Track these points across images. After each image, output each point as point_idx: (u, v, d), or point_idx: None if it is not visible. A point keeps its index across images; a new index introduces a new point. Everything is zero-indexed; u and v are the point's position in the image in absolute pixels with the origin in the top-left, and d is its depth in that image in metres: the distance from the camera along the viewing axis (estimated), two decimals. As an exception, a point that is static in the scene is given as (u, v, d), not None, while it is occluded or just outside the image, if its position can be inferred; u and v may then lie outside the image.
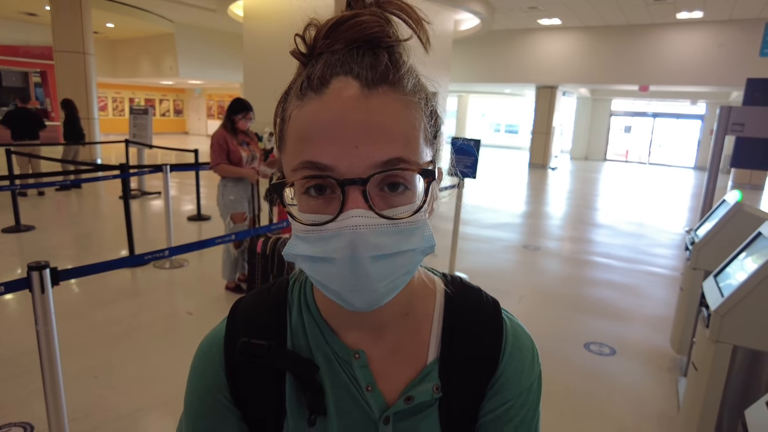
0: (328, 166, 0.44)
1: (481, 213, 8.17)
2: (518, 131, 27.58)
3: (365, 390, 0.56)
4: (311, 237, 0.46)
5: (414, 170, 0.46)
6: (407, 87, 0.48)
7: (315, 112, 0.45)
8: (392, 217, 0.45)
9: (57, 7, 10.78)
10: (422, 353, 0.58)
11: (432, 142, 0.51)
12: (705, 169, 3.89)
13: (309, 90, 0.46)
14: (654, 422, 2.64)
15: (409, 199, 0.47)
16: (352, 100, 0.45)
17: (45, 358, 1.79)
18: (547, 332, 3.67)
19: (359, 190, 0.44)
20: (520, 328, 0.62)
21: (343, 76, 0.46)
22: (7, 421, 2.35)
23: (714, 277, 2.25)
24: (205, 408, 0.58)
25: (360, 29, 0.48)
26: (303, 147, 0.46)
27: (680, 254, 6.07)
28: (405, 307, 0.58)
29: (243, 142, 3.89)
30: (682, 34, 13.34)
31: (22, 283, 1.77)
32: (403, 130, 0.46)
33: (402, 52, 0.51)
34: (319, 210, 0.46)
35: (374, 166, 0.44)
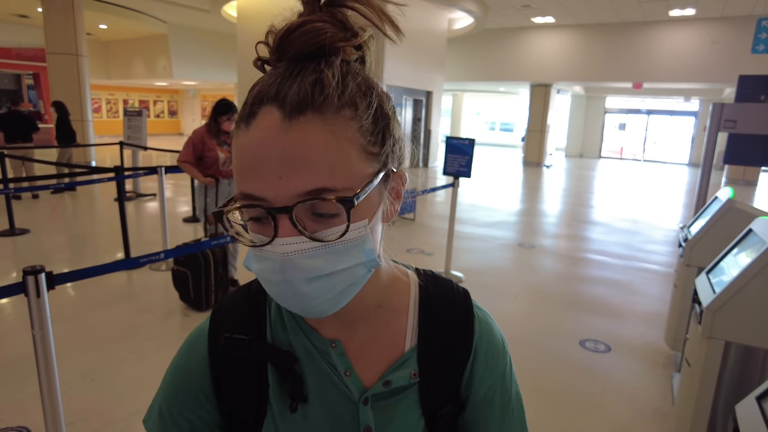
0: (258, 198, 0.46)
1: (476, 211, 8.19)
2: (513, 129, 27.65)
3: (344, 375, 0.58)
4: (257, 255, 0.49)
5: (332, 199, 0.46)
6: (335, 105, 0.46)
7: (244, 144, 0.47)
8: (323, 239, 0.47)
9: (49, 8, 10.73)
10: (399, 342, 0.61)
11: (376, 153, 0.50)
12: (699, 165, 3.91)
13: (241, 122, 0.48)
14: (648, 418, 2.66)
15: (341, 220, 0.47)
16: (274, 131, 0.45)
17: (41, 362, 1.79)
18: (542, 330, 3.69)
19: (287, 218, 0.46)
20: (488, 316, 0.66)
21: (267, 106, 0.46)
22: (4, 426, 2.35)
23: (706, 273, 2.27)
24: (182, 390, 0.60)
25: (308, 38, 0.47)
26: (238, 178, 0.48)
27: (674, 251, 6.11)
28: (377, 300, 0.60)
29: (224, 143, 3.87)
30: (675, 32, 13.41)
31: (17, 287, 1.77)
32: (327, 159, 0.45)
33: (348, 59, 0.50)
34: (262, 231, 0.48)
35: (297, 196, 0.45)
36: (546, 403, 2.74)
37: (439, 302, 0.63)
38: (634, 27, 13.87)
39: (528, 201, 10.12)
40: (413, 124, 14.28)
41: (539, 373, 3.04)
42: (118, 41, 20.13)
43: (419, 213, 7.63)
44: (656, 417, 2.66)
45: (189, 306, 3.79)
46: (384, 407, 0.59)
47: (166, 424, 0.60)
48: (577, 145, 22.29)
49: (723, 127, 3.65)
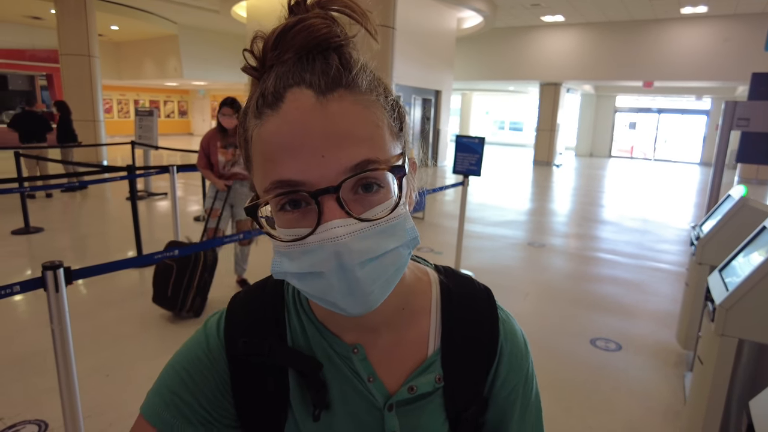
0: (298, 182, 0.44)
1: (485, 210, 8.17)
2: (523, 129, 27.53)
3: (367, 381, 0.57)
4: (294, 252, 0.46)
5: (384, 168, 0.45)
6: (363, 86, 0.47)
7: (275, 129, 0.45)
8: (371, 219, 0.45)
9: (62, 10, 10.86)
10: (422, 345, 0.59)
11: (398, 135, 0.50)
12: (711, 164, 3.88)
13: (265, 107, 0.46)
14: (660, 416, 2.65)
15: (384, 197, 0.46)
16: (310, 109, 0.44)
17: (60, 356, 1.83)
18: (553, 328, 3.68)
19: (333, 199, 0.44)
20: (510, 316, 0.64)
21: (296, 87, 0.45)
22: (22, 419, 2.39)
23: (719, 271, 2.26)
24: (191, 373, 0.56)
25: (307, 34, 0.46)
26: (270, 167, 0.45)
27: (686, 250, 6.06)
28: (400, 302, 0.58)
29: (230, 145, 3.79)
30: (687, 30, 13.28)
31: (36, 282, 1.80)
32: (367, 131, 0.45)
33: (352, 51, 0.49)
34: (297, 223, 0.46)
35: (344, 172, 0.44)
36: (557, 401, 2.74)
37: (461, 302, 0.61)
38: (645, 25, 13.76)
39: (538, 200, 10.08)
40: (422, 123, 14.28)
41: (550, 371, 3.04)
42: (129, 42, 20.32)
43: (428, 212, 7.63)
44: (668, 415, 2.65)
45: (162, 307, 3.59)
46: (409, 413, 0.57)
47: (165, 403, 0.55)
48: (587, 145, 22.15)
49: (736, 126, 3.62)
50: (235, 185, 3.89)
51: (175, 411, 0.55)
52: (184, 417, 0.55)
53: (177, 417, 0.55)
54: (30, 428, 2.34)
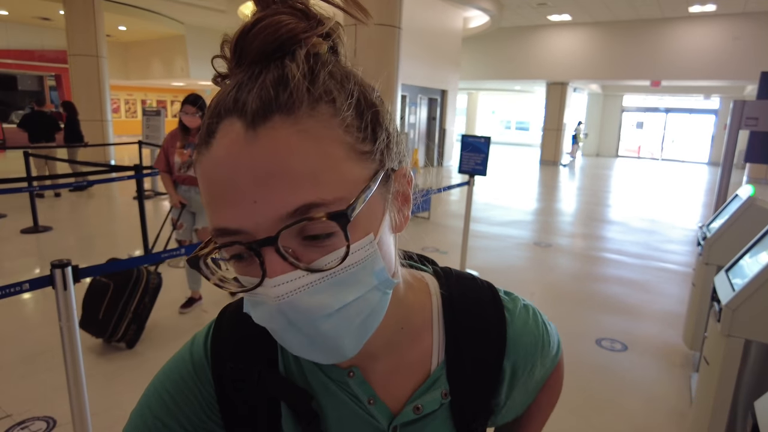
0: (234, 230, 0.39)
1: (491, 210, 8.16)
2: (529, 128, 27.44)
3: (367, 403, 0.53)
4: (249, 300, 0.42)
5: (322, 217, 0.37)
6: (307, 100, 0.38)
7: (206, 170, 0.39)
8: (323, 269, 0.39)
9: (71, 11, 10.94)
10: (425, 361, 0.55)
11: (368, 152, 0.42)
12: (719, 164, 3.86)
13: (201, 144, 0.40)
14: (666, 417, 2.64)
15: (339, 242, 0.39)
16: (237, 148, 0.37)
17: (68, 353, 1.85)
18: (558, 328, 3.60)
19: (273, 250, 0.38)
20: (520, 306, 0.59)
21: (228, 119, 0.38)
22: (31, 415, 2.42)
23: (726, 271, 2.25)
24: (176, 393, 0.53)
25: (266, 35, 0.39)
26: (210, 213, 0.40)
27: (693, 250, 6.02)
28: (398, 323, 0.53)
29: (189, 145, 3.43)
30: (695, 28, 13.19)
31: (45, 280, 1.83)
32: (309, 166, 0.37)
33: (313, 51, 0.41)
34: (249, 272, 0.41)
35: (280, 220, 0.37)
36: (562, 401, 2.71)
37: (464, 306, 0.56)
38: (653, 24, 13.67)
39: (544, 200, 10.04)
40: (428, 123, 14.27)
41: (555, 372, 3.03)
42: (136, 42, 20.44)
43: (433, 211, 7.63)
44: (673, 416, 2.64)
45: (89, 333, 3.06)
46: (415, 431, 0.54)
47: (147, 426, 0.52)
48: (594, 144, 22.04)
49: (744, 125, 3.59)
50: (192, 192, 3.53)
51: (161, 424, 0.52)
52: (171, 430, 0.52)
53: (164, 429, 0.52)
54: (38, 425, 2.36)
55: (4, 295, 1.82)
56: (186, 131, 3.45)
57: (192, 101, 3.41)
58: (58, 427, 2.34)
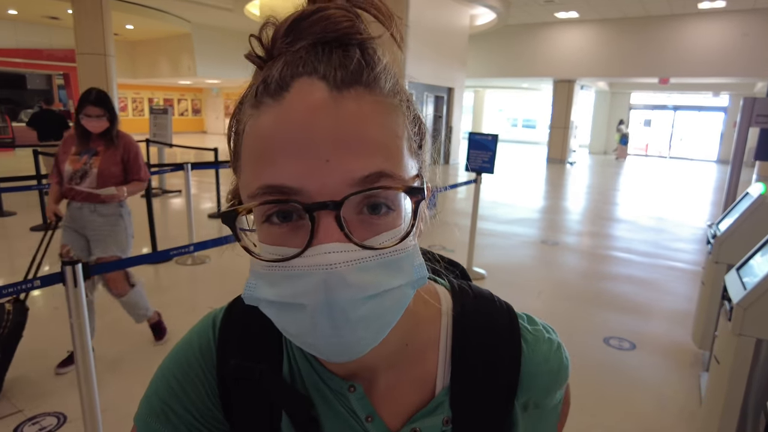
0: (293, 189, 0.37)
1: (498, 208, 8.14)
2: (536, 126, 27.34)
3: (365, 420, 0.50)
4: (275, 275, 0.38)
5: (399, 188, 0.38)
6: (385, 88, 0.40)
7: (274, 122, 0.38)
8: (375, 247, 0.38)
9: (79, 10, 11.00)
10: (429, 382, 0.51)
11: (417, 154, 0.44)
12: (728, 162, 3.82)
13: (265, 95, 0.39)
14: (675, 416, 2.62)
15: (393, 222, 0.39)
16: (320, 104, 0.37)
17: (78, 350, 1.86)
18: (566, 326, 3.66)
19: (332, 216, 0.36)
20: (542, 337, 0.54)
21: (306, 77, 0.38)
22: (42, 411, 2.45)
23: (737, 270, 2.23)
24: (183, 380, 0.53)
25: (326, 24, 0.40)
26: (260, 167, 0.38)
27: (702, 249, 5.97)
28: (403, 339, 0.50)
29: (87, 151, 2.77)
30: (704, 25, 13.07)
31: (56, 277, 1.84)
32: (384, 139, 0.38)
33: (376, 49, 0.43)
34: (285, 241, 0.38)
35: (351, 185, 0.37)
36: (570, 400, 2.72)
37: (476, 331, 0.52)
38: (661, 21, 13.56)
39: (551, 198, 10.00)
40: (434, 120, 14.24)
41: (563, 370, 3.02)
42: (143, 41, 20.53)
43: (440, 209, 7.60)
44: (683, 415, 2.63)
45: None
46: None
47: (155, 411, 0.52)
48: (601, 142, 21.92)
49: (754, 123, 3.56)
50: (85, 211, 2.81)
51: (164, 419, 0.52)
52: (174, 426, 0.51)
53: (166, 426, 0.51)
54: (49, 420, 2.38)
55: (16, 292, 1.84)
56: (86, 136, 2.77)
57: (95, 101, 2.73)
58: (68, 423, 2.36)
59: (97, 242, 2.82)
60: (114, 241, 2.83)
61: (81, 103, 2.72)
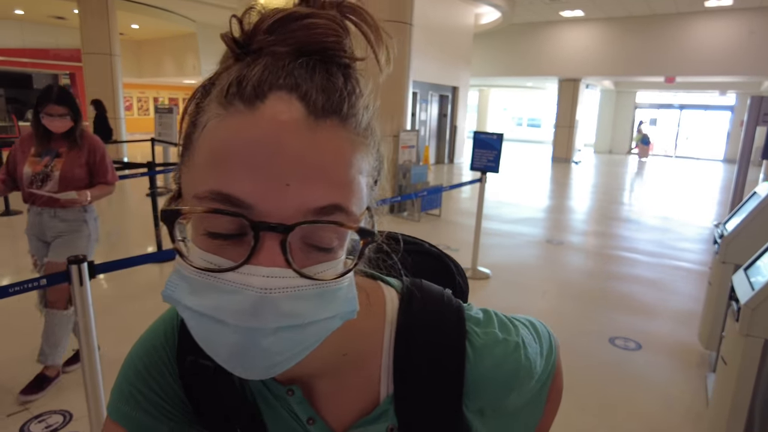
0: (245, 203, 0.35)
1: (502, 208, 8.12)
2: (540, 125, 27.26)
3: (306, 423, 0.50)
4: (200, 283, 0.36)
5: (352, 227, 0.37)
6: (361, 124, 0.39)
7: (241, 131, 0.36)
8: (313, 277, 0.37)
9: (85, 10, 11.06)
10: (373, 390, 0.50)
11: (372, 189, 0.43)
12: (735, 161, 3.80)
13: (237, 99, 0.36)
14: (681, 417, 2.61)
15: (335, 253, 0.39)
16: (293, 127, 0.35)
17: (84, 348, 1.87)
18: (571, 326, 3.64)
19: (278, 240, 0.35)
20: (492, 341, 0.51)
21: (286, 93, 0.36)
22: (48, 409, 2.46)
23: (744, 270, 2.21)
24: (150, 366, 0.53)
25: (312, 33, 0.38)
26: (217, 171, 0.36)
27: (708, 248, 5.94)
28: (339, 349, 0.48)
29: (48, 153, 2.55)
30: (711, 23, 12.99)
31: (62, 276, 1.85)
32: (348, 175, 0.37)
33: (359, 78, 0.41)
34: (221, 250, 0.37)
35: (304, 213, 0.36)
36: (574, 400, 2.71)
37: (420, 336, 0.49)
38: (667, 19, 13.48)
39: (556, 197, 9.97)
40: (439, 119, 14.22)
41: (568, 370, 2.99)
42: (149, 41, 20.61)
43: (444, 209, 7.60)
44: (689, 416, 2.61)
45: None
46: None
47: (124, 396, 0.53)
48: (607, 141, 21.83)
49: (762, 122, 3.54)
50: (44, 217, 2.63)
51: (134, 403, 0.52)
52: (144, 410, 0.52)
53: (136, 409, 0.52)
54: (55, 418, 2.39)
55: (22, 291, 1.85)
56: (47, 136, 2.55)
57: (58, 99, 2.50)
58: (74, 421, 2.37)
59: (56, 246, 2.64)
60: (72, 246, 2.63)
61: (42, 101, 2.49)
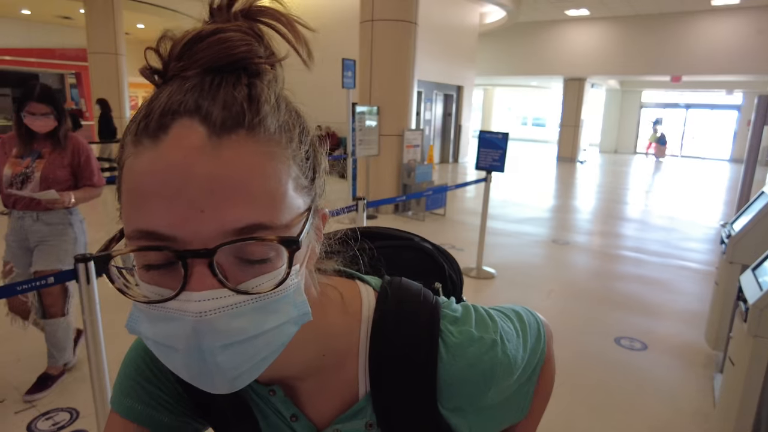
0: (166, 236, 0.36)
1: (507, 207, 8.10)
2: (545, 124, 27.17)
3: (290, 420, 0.53)
4: (152, 313, 0.38)
5: (272, 239, 0.37)
6: (271, 128, 0.38)
7: (149, 167, 0.36)
8: (250, 292, 0.37)
9: (91, 10, 11.11)
10: (352, 388, 0.52)
11: (307, 188, 0.43)
12: (741, 161, 3.78)
13: (144, 135, 0.37)
14: (688, 418, 2.59)
15: (273, 264, 0.38)
16: (196, 152, 0.35)
17: (91, 346, 1.88)
18: (576, 326, 3.63)
19: (205, 263, 0.36)
20: (467, 339, 0.51)
21: (187, 119, 0.36)
22: (55, 407, 2.47)
23: (752, 270, 2.19)
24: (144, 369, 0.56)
25: (220, 49, 0.39)
26: (136, 210, 0.37)
27: (714, 249, 5.91)
28: (318, 350, 0.50)
29: (30, 154, 2.45)
30: (718, 22, 12.91)
31: (69, 274, 1.86)
32: (264, 187, 0.37)
33: (270, 83, 0.41)
34: (162, 281, 0.38)
35: (224, 234, 0.36)
36: (581, 400, 2.70)
37: (394, 335, 0.50)
38: (674, 17, 13.41)
39: (561, 197, 9.94)
40: (443, 119, 14.20)
41: (574, 370, 3.00)
42: (154, 40, 20.61)
43: (449, 208, 7.60)
44: (696, 417, 2.60)
45: None
46: None
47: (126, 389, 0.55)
48: (612, 141, 21.74)
49: (770, 120, 3.50)
50: (26, 221, 2.49)
51: (135, 396, 0.54)
52: (144, 402, 0.54)
53: (138, 402, 0.54)
54: (62, 416, 2.41)
55: (30, 289, 1.86)
56: (29, 137, 2.46)
57: (40, 97, 2.40)
58: (81, 419, 2.39)
59: (41, 253, 2.51)
60: (61, 252, 2.53)
61: (23, 100, 2.39)
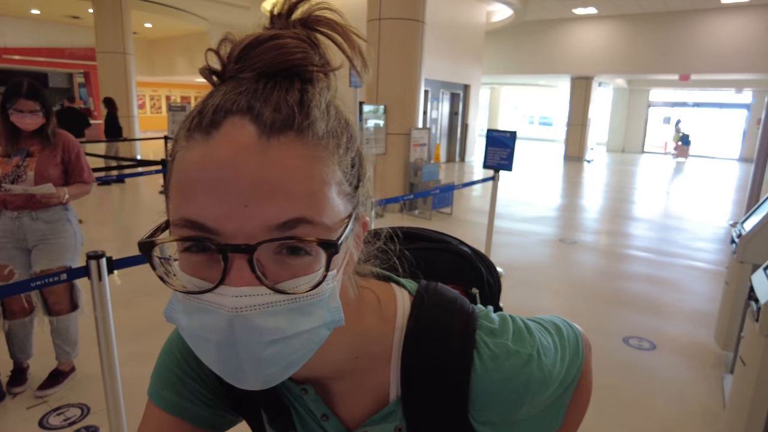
0: (210, 228, 0.37)
1: (514, 206, 8.07)
2: (552, 123, 27.06)
3: (321, 419, 0.54)
4: (189, 304, 0.39)
5: (312, 240, 0.38)
6: (319, 133, 0.40)
7: (199, 160, 0.37)
8: (287, 292, 0.38)
9: (99, 9, 11.17)
10: (384, 391, 0.52)
11: (351, 195, 0.43)
12: (751, 160, 3.74)
13: (197, 130, 0.38)
14: (698, 418, 2.58)
15: (310, 266, 0.39)
16: (245, 149, 0.37)
17: (102, 342, 1.90)
18: (584, 326, 3.57)
19: (245, 259, 0.37)
20: (503, 352, 0.50)
21: (238, 117, 0.38)
22: (66, 402, 2.50)
23: (764, 270, 2.18)
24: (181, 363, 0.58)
25: (277, 54, 0.40)
26: (183, 200, 0.38)
27: (723, 248, 5.87)
28: (351, 352, 0.50)
29: (18, 152, 2.37)
30: (727, 20, 12.80)
31: (80, 271, 1.87)
32: (308, 187, 0.38)
33: (323, 87, 0.43)
34: (202, 272, 0.39)
35: (267, 230, 0.37)
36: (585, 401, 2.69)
37: (428, 340, 0.50)
38: (682, 16, 13.31)
39: (568, 196, 9.90)
40: (450, 117, 14.18)
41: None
42: (161, 39, 20.79)
43: (456, 207, 7.58)
44: (706, 418, 2.58)
45: None
46: None
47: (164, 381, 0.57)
48: (619, 140, 21.62)
49: (781, 119, 3.47)
50: (24, 220, 2.41)
51: (171, 387, 0.56)
52: (182, 395, 0.56)
53: (176, 395, 0.56)
54: (73, 411, 2.43)
55: (42, 286, 1.88)
56: (15, 135, 2.38)
57: (28, 93, 2.32)
58: (92, 414, 2.41)
59: (43, 252, 2.44)
60: (63, 249, 2.49)
61: (9, 97, 2.29)
